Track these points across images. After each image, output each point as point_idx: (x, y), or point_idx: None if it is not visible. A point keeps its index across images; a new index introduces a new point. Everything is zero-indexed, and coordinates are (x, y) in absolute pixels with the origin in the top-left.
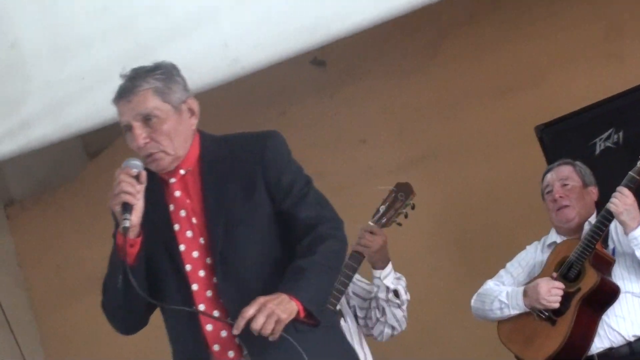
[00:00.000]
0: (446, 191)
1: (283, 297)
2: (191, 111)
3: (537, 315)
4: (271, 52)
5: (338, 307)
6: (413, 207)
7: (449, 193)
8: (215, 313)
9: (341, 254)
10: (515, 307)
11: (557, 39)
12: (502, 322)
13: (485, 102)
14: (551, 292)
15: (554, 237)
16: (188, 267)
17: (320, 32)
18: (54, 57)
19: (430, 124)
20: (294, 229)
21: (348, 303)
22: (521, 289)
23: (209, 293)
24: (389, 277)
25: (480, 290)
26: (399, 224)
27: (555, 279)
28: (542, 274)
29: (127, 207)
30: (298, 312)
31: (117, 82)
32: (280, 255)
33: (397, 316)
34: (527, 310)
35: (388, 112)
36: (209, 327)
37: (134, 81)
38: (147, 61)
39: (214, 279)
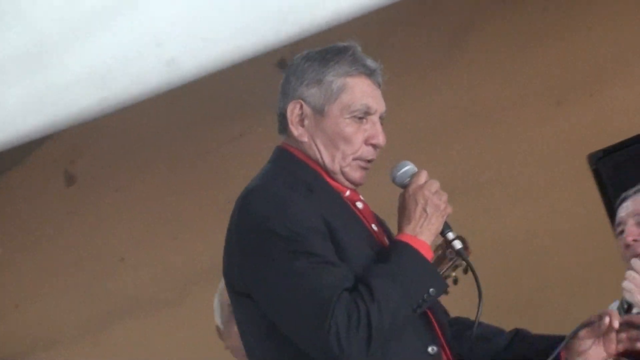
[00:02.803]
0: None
1: None
2: None
3: None
4: (221, 51)
5: None
6: (466, 271)
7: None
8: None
9: None
10: None
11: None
12: None
13: (528, 116)
14: None
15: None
16: None
17: (289, 24)
18: None
19: (447, 151)
20: None
21: None
22: None
23: None
24: None
25: None
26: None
27: None
28: None
29: (447, 225)
30: None
31: (8, 90)
32: None
33: None
34: None
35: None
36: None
37: (380, 69)
38: (50, 63)
39: None
